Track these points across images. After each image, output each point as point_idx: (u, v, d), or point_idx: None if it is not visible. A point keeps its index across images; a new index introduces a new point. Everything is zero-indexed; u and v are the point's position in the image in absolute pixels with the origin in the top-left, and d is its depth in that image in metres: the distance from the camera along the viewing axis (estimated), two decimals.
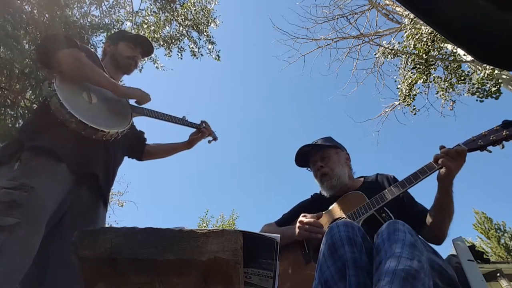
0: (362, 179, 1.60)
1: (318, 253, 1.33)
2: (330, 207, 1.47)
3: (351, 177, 1.57)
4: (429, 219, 1.30)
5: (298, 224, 1.36)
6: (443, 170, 1.22)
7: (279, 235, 0.71)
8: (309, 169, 1.66)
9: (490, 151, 1.25)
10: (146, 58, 6.71)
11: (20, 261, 1.02)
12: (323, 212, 1.46)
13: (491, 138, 1.22)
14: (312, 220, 1.34)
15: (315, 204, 1.57)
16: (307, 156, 1.63)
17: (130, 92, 1.55)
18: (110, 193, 1.54)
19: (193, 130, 1.92)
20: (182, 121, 1.84)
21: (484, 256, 1.09)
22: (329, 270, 0.91)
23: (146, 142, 1.82)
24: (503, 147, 1.23)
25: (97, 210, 1.36)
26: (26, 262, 1.04)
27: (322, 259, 0.95)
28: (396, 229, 0.91)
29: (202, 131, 1.89)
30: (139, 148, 1.77)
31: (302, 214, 1.41)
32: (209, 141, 2.03)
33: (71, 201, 1.24)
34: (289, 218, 1.59)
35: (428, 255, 0.93)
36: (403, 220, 1.34)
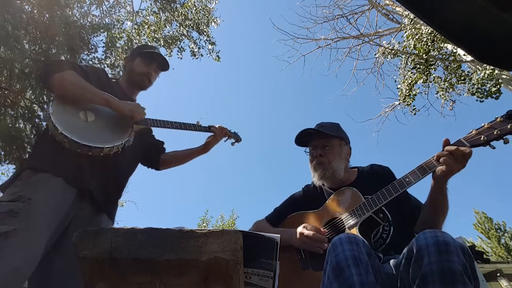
0: (356, 170, 1.56)
1: (314, 259, 1.31)
2: (325, 204, 1.44)
3: (346, 170, 1.53)
4: (422, 216, 1.26)
5: (298, 236, 1.34)
6: (442, 168, 1.13)
7: (279, 236, 0.70)
8: (307, 150, 1.60)
9: (493, 147, 1.10)
10: None
11: (15, 265, 1.04)
12: (319, 209, 1.44)
13: (495, 133, 1.09)
14: (311, 233, 1.31)
15: (307, 198, 1.55)
16: (309, 138, 1.57)
17: (121, 107, 1.43)
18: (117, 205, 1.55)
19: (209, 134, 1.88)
20: (194, 127, 1.77)
21: (484, 256, 1.08)
22: None
23: (165, 152, 1.82)
24: (507, 142, 1.07)
25: (99, 223, 1.38)
26: (23, 266, 1.07)
27: (327, 282, 0.90)
28: (452, 272, 0.79)
29: (215, 133, 1.83)
30: (155, 158, 1.77)
31: (303, 225, 1.37)
32: (232, 143, 2.01)
33: (74, 213, 1.28)
34: (281, 213, 1.57)
35: None
36: (399, 217, 1.33)
